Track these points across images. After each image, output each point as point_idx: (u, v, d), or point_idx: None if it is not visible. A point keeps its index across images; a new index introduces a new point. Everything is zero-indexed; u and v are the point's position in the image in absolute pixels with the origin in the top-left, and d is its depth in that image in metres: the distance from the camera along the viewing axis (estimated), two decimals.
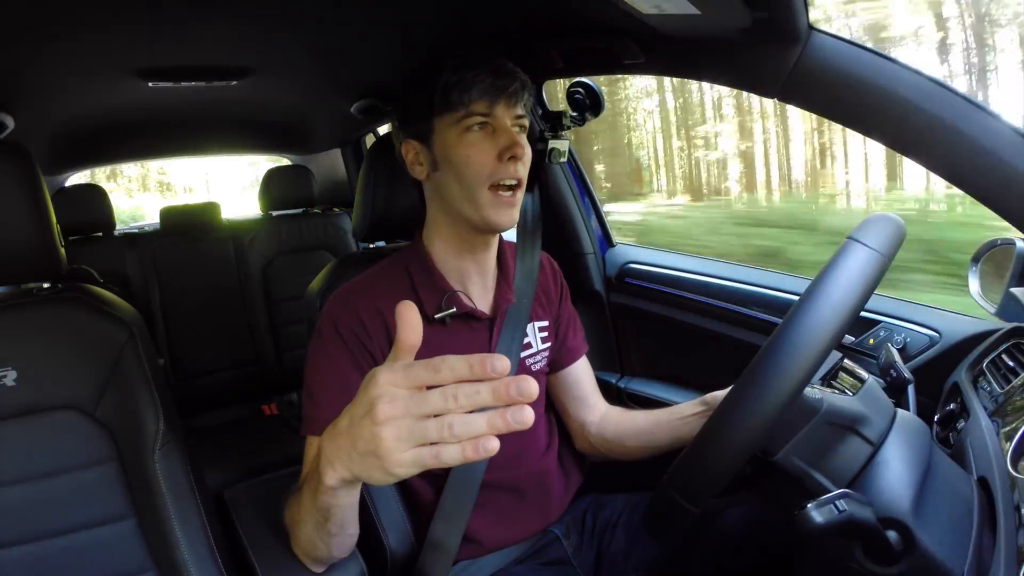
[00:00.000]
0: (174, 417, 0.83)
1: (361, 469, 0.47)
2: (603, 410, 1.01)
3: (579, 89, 1.21)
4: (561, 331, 1.00)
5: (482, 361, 0.41)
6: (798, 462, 0.63)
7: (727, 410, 0.59)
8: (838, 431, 0.62)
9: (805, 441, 0.62)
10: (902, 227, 0.61)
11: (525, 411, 0.41)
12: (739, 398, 0.58)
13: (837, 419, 0.62)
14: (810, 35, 0.73)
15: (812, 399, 0.62)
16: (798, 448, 0.62)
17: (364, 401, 0.45)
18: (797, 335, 0.57)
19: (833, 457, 0.62)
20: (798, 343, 0.56)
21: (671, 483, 0.63)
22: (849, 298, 0.57)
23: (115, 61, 1.10)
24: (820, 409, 0.62)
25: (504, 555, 0.92)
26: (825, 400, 0.63)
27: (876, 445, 0.62)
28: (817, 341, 0.56)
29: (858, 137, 3.87)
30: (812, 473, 0.62)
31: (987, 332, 0.89)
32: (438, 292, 0.86)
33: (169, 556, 0.79)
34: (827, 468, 0.62)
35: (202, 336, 1.98)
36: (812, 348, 0.56)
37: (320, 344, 0.82)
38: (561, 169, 1.43)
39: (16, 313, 0.80)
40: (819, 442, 0.62)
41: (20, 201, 0.76)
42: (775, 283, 1.20)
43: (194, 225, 2.07)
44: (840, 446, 0.62)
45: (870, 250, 0.58)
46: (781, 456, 0.63)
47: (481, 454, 0.41)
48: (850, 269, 0.58)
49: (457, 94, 0.78)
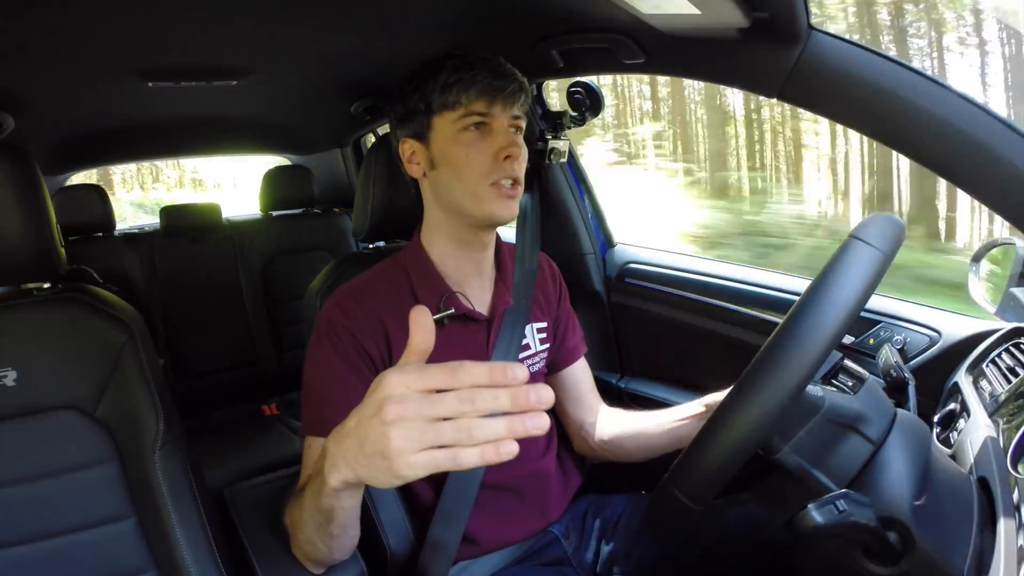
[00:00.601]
0: (174, 417, 0.84)
1: (367, 471, 0.47)
2: (602, 411, 1.01)
3: (579, 89, 1.21)
4: (559, 332, 1.00)
5: (503, 368, 0.42)
6: (799, 460, 0.62)
7: (729, 407, 0.59)
8: (839, 429, 0.62)
9: (807, 439, 0.62)
10: (902, 226, 0.61)
11: (542, 417, 0.41)
12: (741, 395, 0.58)
13: (838, 417, 0.62)
14: (810, 35, 0.73)
15: (814, 397, 0.62)
16: (799, 446, 0.62)
17: (373, 402, 0.45)
18: (800, 332, 0.57)
19: (834, 456, 0.62)
20: (801, 340, 0.56)
21: (673, 481, 0.63)
22: (851, 296, 0.57)
23: (115, 61, 1.10)
24: (822, 407, 0.62)
25: (504, 555, 0.92)
26: (827, 398, 0.63)
27: (877, 444, 0.62)
28: (820, 338, 0.56)
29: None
30: (813, 472, 0.62)
31: (987, 332, 0.89)
32: (436, 293, 0.86)
33: (169, 556, 0.79)
34: (828, 467, 0.62)
35: (202, 336, 1.98)
36: (815, 346, 0.56)
37: (317, 345, 0.82)
38: (561, 169, 1.43)
39: (16, 313, 0.80)
40: (820, 440, 0.62)
41: (20, 201, 0.76)
42: (775, 283, 1.20)
43: (194, 225, 2.07)
44: (841, 445, 0.62)
45: (872, 248, 0.58)
46: (782, 454, 0.62)
47: (503, 457, 0.41)
48: (853, 267, 0.58)
49: (455, 93, 0.79)
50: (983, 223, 5.15)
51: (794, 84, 0.76)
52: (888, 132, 0.75)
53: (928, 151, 0.73)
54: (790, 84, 0.77)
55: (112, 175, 12.04)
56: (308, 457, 0.80)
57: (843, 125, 0.81)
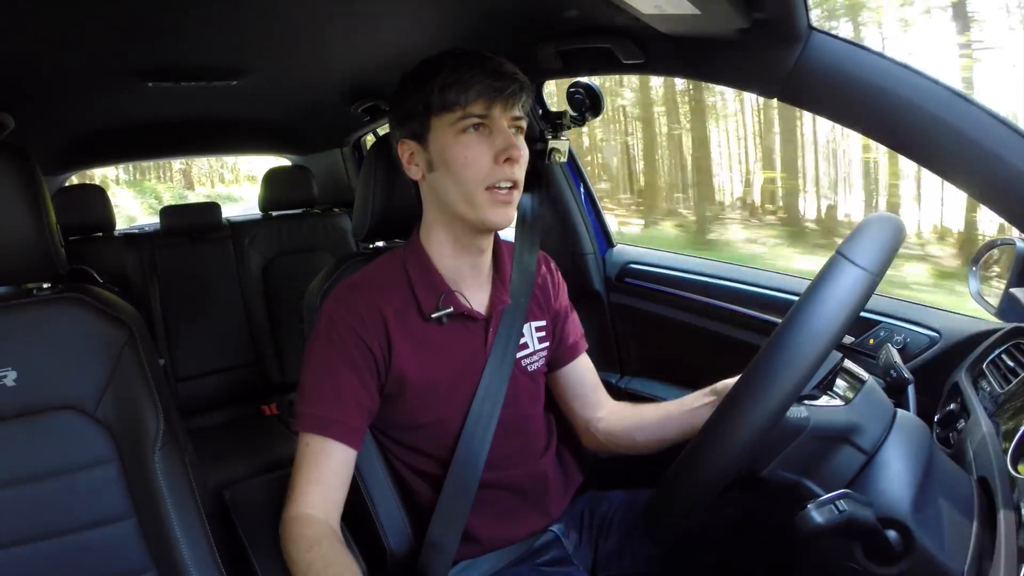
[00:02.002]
0: (174, 417, 0.84)
1: None
2: (609, 406, 1.01)
3: (579, 89, 1.21)
4: (559, 330, 1.00)
5: None
6: (787, 475, 0.62)
7: (706, 437, 0.58)
8: (829, 443, 0.62)
9: (793, 456, 0.61)
10: (900, 230, 0.58)
11: None
12: (718, 424, 0.57)
13: (826, 433, 0.62)
14: (810, 35, 0.73)
15: (797, 419, 0.61)
16: (786, 463, 0.62)
17: None
18: (776, 362, 0.55)
19: (824, 467, 0.61)
20: (776, 371, 0.55)
21: (655, 507, 0.63)
22: (831, 325, 0.54)
23: (115, 61, 1.11)
24: (806, 427, 0.61)
25: (504, 554, 0.92)
26: (812, 418, 0.62)
27: (870, 453, 0.61)
28: (796, 369, 0.54)
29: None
30: (803, 481, 0.62)
31: (987, 332, 0.89)
32: (435, 291, 0.86)
33: (169, 556, 0.79)
34: (818, 476, 0.61)
35: (202, 336, 1.98)
36: (790, 377, 0.54)
37: (316, 341, 0.82)
38: (561, 169, 1.43)
39: (16, 313, 0.80)
40: (808, 455, 0.62)
41: (20, 201, 0.76)
42: (775, 283, 1.20)
43: (194, 225, 2.07)
44: (831, 455, 0.62)
45: (858, 270, 0.54)
46: (767, 473, 0.62)
47: None
48: (834, 294, 0.55)
49: (454, 94, 0.78)
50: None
51: (794, 84, 0.76)
52: (888, 132, 0.75)
53: (927, 151, 0.73)
54: (790, 84, 0.77)
55: (191, 170, 15.48)
56: (300, 452, 0.80)
57: (843, 125, 0.81)
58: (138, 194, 13.77)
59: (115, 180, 13.25)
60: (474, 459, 0.85)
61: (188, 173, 16.13)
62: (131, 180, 14.39)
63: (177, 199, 13.14)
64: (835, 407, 0.64)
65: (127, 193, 13.46)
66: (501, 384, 0.87)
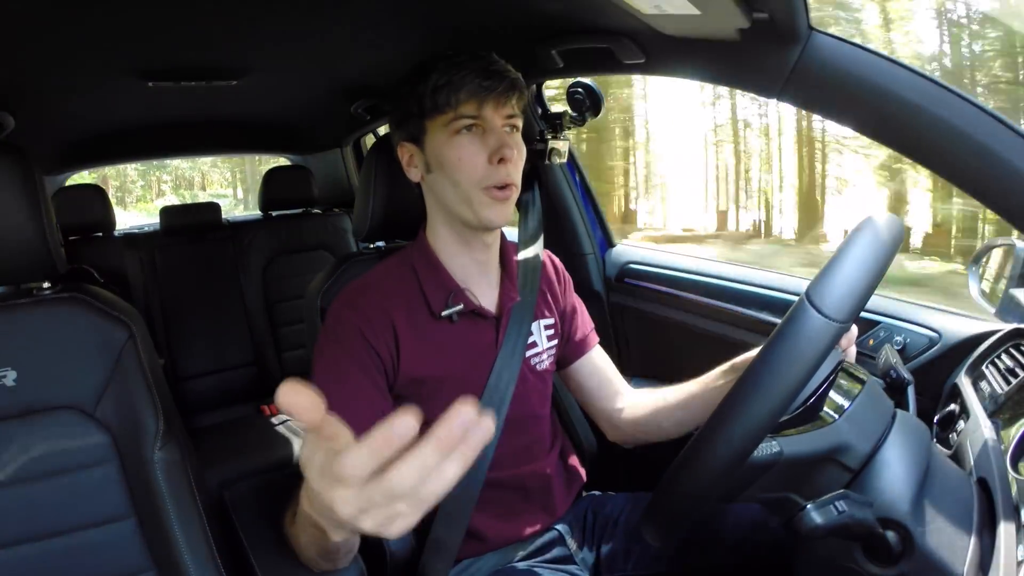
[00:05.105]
0: (174, 417, 0.84)
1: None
2: (629, 394, 1.00)
3: (579, 89, 1.21)
4: (567, 326, 1.00)
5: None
6: (765, 495, 0.62)
7: (671, 478, 0.59)
8: (809, 466, 0.61)
9: (773, 479, 0.61)
10: (898, 230, 0.57)
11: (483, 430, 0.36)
12: (679, 468, 0.58)
13: (804, 458, 0.60)
14: (810, 35, 0.73)
15: (767, 456, 0.59)
16: (766, 486, 0.61)
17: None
18: (733, 418, 0.55)
19: (805, 484, 0.61)
20: (732, 428, 0.55)
21: (654, 510, 0.63)
22: (791, 378, 0.53)
23: (115, 60, 1.11)
24: (777, 461, 0.60)
25: (508, 552, 0.92)
26: (784, 452, 0.60)
27: (856, 471, 0.60)
28: (752, 424, 0.54)
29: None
30: (788, 495, 0.61)
31: (987, 333, 0.89)
32: (444, 289, 0.86)
33: (169, 556, 0.79)
34: (802, 492, 0.61)
35: (202, 336, 1.98)
36: (746, 433, 0.54)
37: (325, 343, 0.82)
38: (561, 169, 1.43)
39: (16, 313, 0.80)
40: (789, 476, 0.61)
41: (20, 201, 0.76)
42: (774, 283, 1.20)
43: (194, 225, 2.07)
44: (815, 475, 0.61)
45: (825, 321, 0.52)
46: (741, 500, 0.62)
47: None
48: (797, 345, 0.53)
49: (445, 95, 0.78)
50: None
51: (794, 85, 0.76)
52: (888, 132, 0.75)
53: (928, 151, 0.73)
54: (790, 85, 0.77)
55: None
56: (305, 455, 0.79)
57: (843, 125, 0.81)
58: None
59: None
60: (480, 457, 0.85)
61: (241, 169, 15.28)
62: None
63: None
64: (814, 433, 0.61)
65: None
66: (510, 381, 0.87)
